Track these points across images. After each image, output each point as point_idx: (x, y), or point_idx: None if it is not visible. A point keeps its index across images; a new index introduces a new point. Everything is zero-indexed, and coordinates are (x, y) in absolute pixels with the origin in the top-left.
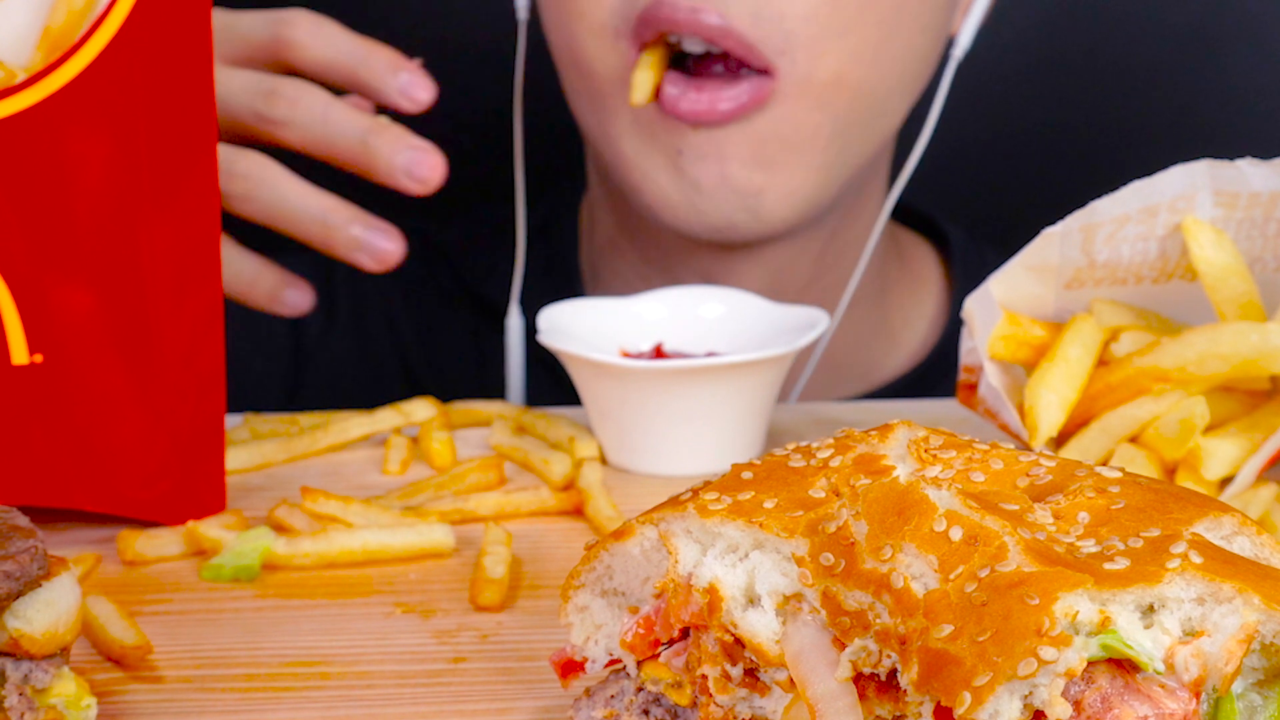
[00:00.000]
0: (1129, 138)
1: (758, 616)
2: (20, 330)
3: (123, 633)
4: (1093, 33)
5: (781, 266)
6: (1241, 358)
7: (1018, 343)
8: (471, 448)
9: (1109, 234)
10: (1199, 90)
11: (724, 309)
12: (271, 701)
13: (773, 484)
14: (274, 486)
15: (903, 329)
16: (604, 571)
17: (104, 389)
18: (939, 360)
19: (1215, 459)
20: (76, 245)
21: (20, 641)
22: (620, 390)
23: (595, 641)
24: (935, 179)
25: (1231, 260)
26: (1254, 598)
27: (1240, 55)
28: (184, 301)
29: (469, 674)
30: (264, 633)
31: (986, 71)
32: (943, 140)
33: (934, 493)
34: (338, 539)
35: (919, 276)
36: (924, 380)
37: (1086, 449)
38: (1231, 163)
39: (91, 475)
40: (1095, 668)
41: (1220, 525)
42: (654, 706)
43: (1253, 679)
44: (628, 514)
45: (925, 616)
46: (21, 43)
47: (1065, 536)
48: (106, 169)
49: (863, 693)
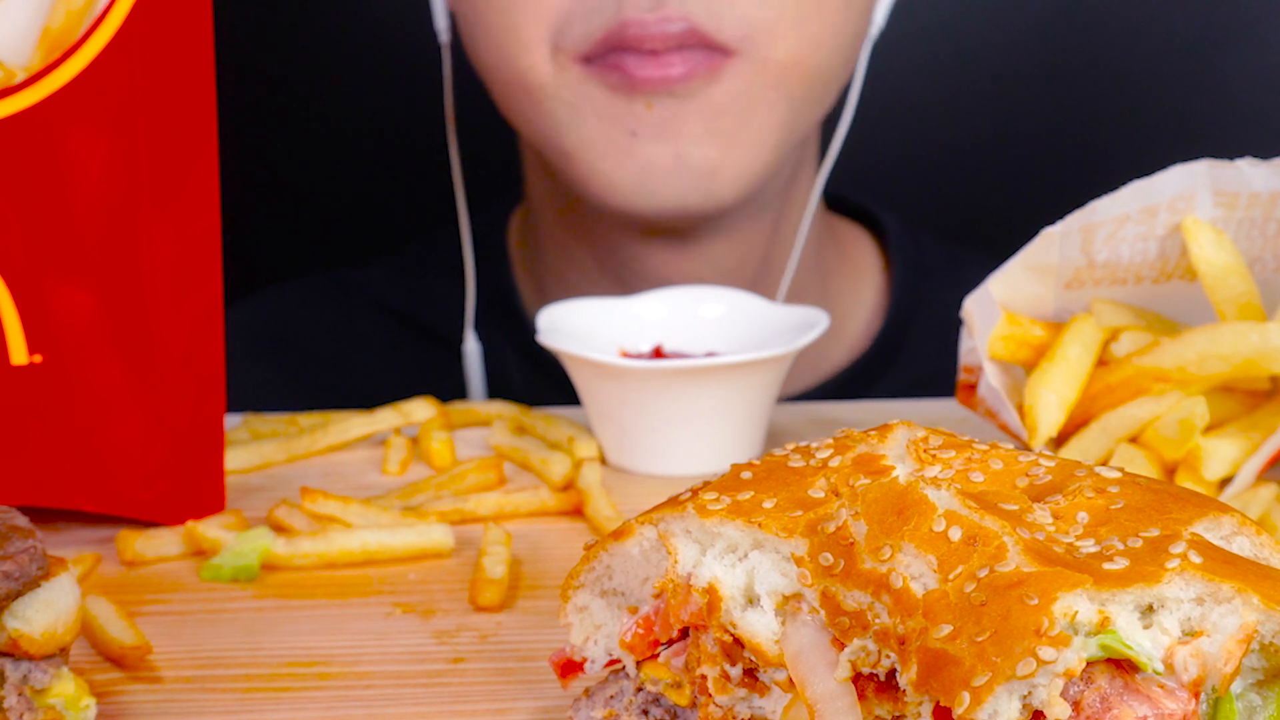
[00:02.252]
0: (1129, 138)
1: (757, 616)
2: (20, 330)
3: (122, 633)
4: (1092, 34)
5: (731, 259)
6: (1241, 358)
7: (1018, 343)
8: (471, 448)
9: (1109, 234)
10: (1199, 90)
11: (724, 309)
12: (271, 701)
13: (772, 484)
14: (273, 487)
15: (845, 318)
16: (603, 571)
17: (104, 389)
18: (884, 347)
19: (1215, 459)
20: (76, 245)
21: (19, 642)
22: (620, 390)
23: (595, 642)
24: (936, 179)
25: (1231, 260)
26: (1253, 598)
27: (1240, 55)
28: (184, 301)
29: (469, 674)
30: (263, 633)
31: (986, 72)
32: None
33: (933, 493)
34: (337, 539)
35: (858, 265)
36: (869, 370)
37: (1086, 449)
38: (1231, 163)
39: (91, 475)
40: (1094, 668)
41: (1220, 525)
42: (653, 707)
43: (1252, 679)
44: (627, 514)
45: (924, 616)
46: (21, 43)
47: (1064, 536)
48: (106, 169)
49: (862, 693)
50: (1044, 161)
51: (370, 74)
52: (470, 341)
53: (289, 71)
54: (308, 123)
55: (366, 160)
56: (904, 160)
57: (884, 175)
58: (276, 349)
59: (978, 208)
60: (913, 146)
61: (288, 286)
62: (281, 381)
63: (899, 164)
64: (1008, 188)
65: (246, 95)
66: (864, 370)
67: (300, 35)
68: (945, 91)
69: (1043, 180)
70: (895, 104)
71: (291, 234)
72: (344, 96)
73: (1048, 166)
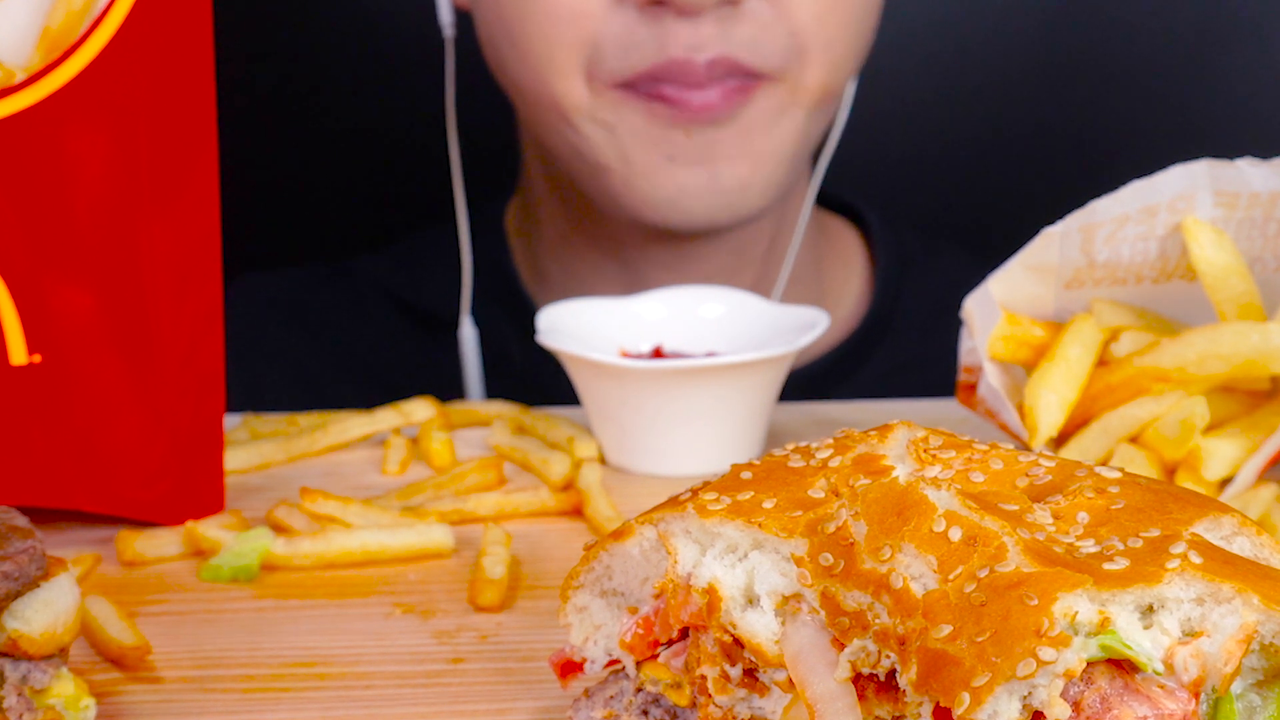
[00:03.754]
0: (1129, 138)
1: (757, 617)
2: (20, 330)
3: (121, 633)
4: (1092, 34)
5: (735, 255)
6: (1241, 358)
7: (1018, 343)
8: (471, 448)
9: (1109, 234)
10: (1199, 90)
11: (724, 309)
12: (271, 702)
13: (772, 484)
14: (273, 487)
15: (834, 306)
16: (603, 572)
17: (103, 389)
18: (871, 330)
19: (1215, 459)
20: (76, 245)
21: (19, 642)
22: (620, 390)
23: (594, 642)
24: (936, 179)
25: (1231, 260)
26: (1253, 598)
27: (1240, 55)
28: (184, 301)
29: (468, 674)
30: (263, 633)
31: (986, 72)
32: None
33: (933, 493)
34: (337, 539)
35: (844, 257)
36: (858, 352)
37: (1086, 449)
38: (1231, 163)
39: (91, 475)
40: (1094, 668)
41: (1220, 525)
42: (653, 707)
43: (1252, 679)
44: (627, 514)
45: (924, 617)
46: (21, 42)
47: (1065, 537)
48: (106, 169)
49: (862, 693)
50: (1044, 161)
51: (368, 69)
52: (466, 327)
53: (288, 70)
54: (307, 120)
55: (366, 155)
56: (903, 160)
57: (882, 175)
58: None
59: (977, 208)
60: (912, 147)
61: (289, 272)
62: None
63: (898, 164)
64: (1007, 187)
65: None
66: (852, 352)
67: (299, 34)
68: (945, 91)
69: (1043, 180)
70: (895, 104)
71: (291, 230)
72: (343, 93)
73: (1048, 166)
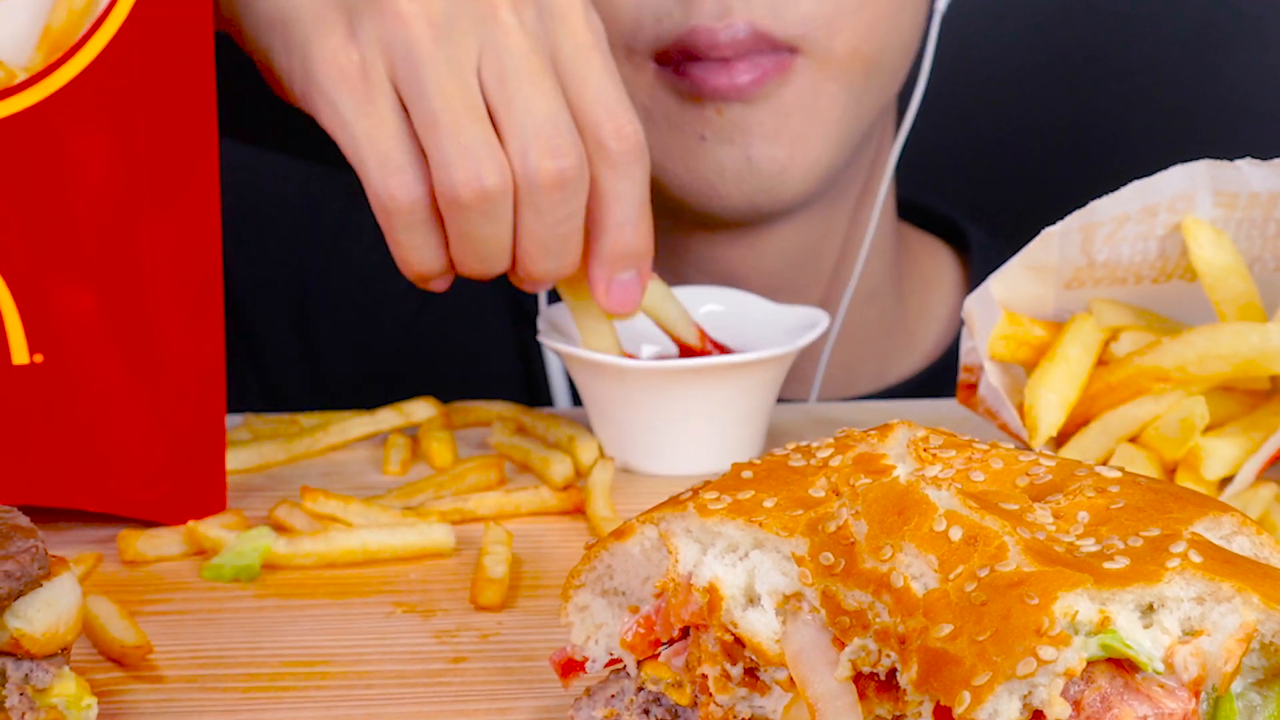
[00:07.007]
0: (1129, 138)
1: (757, 616)
2: (20, 330)
3: (123, 632)
4: (1093, 33)
5: (799, 249)
6: (1241, 358)
7: (1018, 343)
8: (471, 448)
9: (1109, 234)
10: (1199, 90)
11: (724, 309)
12: (271, 701)
13: (773, 483)
14: (274, 486)
15: (915, 327)
16: (604, 571)
17: (104, 389)
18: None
19: (1215, 459)
20: (76, 245)
21: (21, 641)
22: (620, 390)
23: (595, 641)
24: (935, 179)
25: (1231, 260)
26: (1253, 597)
27: (1240, 55)
28: (184, 301)
29: (469, 674)
30: (264, 632)
31: (987, 71)
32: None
33: (934, 492)
34: (338, 539)
35: (930, 278)
36: (935, 381)
37: (1086, 449)
38: (1231, 163)
39: (92, 475)
40: (1095, 667)
41: (1220, 525)
42: (654, 706)
43: (1252, 678)
44: (627, 514)
45: (925, 616)
46: (21, 43)
47: (1065, 536)
48: (106, 169)
49: (862, 692)
50: (1044, 161)
51: None
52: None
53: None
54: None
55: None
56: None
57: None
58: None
59: (977, 207)
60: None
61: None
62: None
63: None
64: (1007, 187)
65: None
66: (930, 381)
67: None
68: (943, 91)
69: (1042, 179)
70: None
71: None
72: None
73: (1047, 166)
